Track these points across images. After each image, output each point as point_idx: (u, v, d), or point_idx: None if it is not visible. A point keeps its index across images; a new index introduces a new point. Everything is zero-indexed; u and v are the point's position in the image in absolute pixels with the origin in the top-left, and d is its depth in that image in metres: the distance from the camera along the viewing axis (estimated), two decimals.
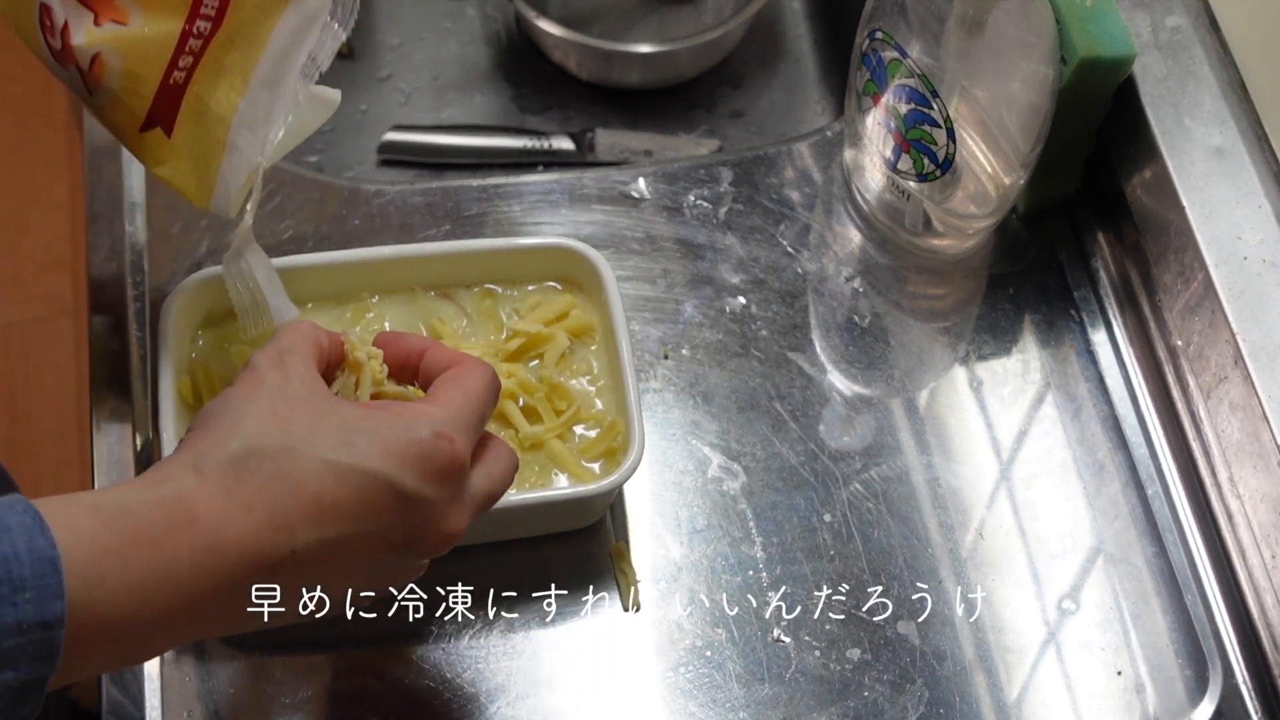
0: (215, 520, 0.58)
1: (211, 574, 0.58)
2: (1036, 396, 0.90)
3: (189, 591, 0.58)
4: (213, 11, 0.68)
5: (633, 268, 0.93)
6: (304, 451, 0.60)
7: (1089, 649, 0.82)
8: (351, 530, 0.61)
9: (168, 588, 0.57)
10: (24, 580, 0.53)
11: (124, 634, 0.57)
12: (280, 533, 0.59)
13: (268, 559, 0.60)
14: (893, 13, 0.85)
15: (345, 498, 0.61)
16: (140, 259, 0.91)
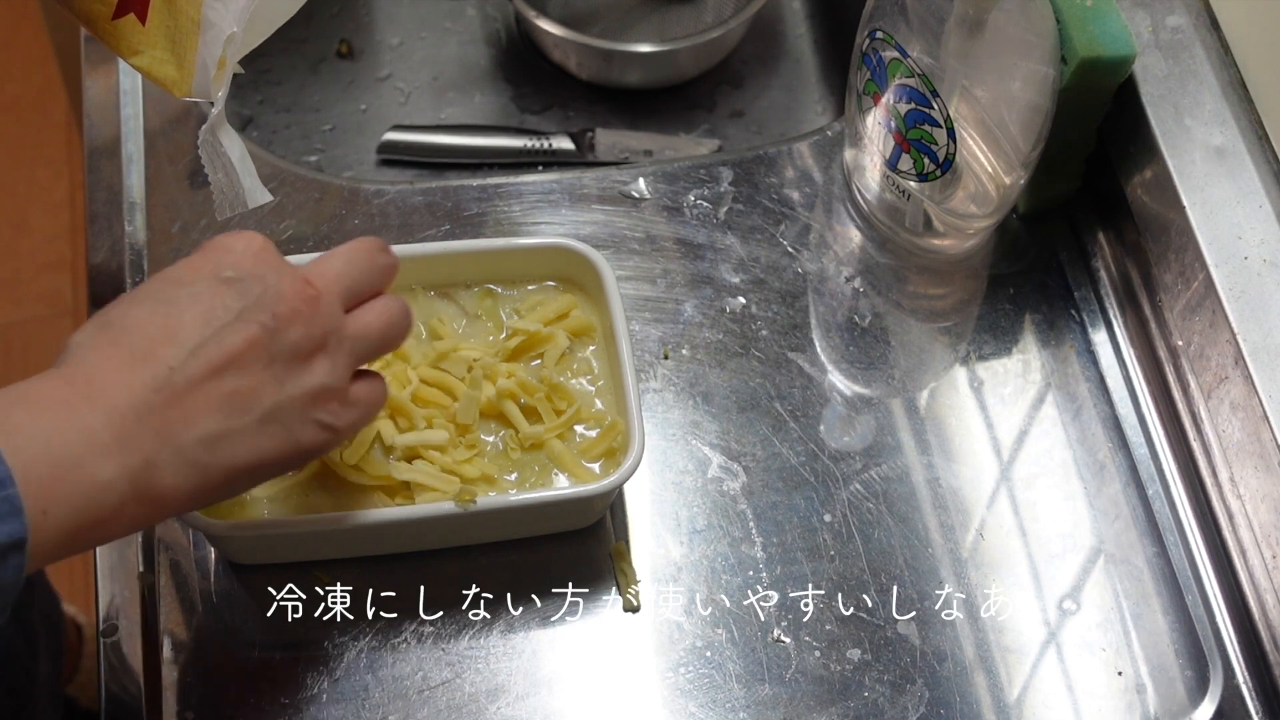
0: (87, 373, 0.61)
1: (110, 406, 0.60)
2: (1037, 396, 0.90)
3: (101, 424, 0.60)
4: None
5: (633, 268, 0.93)
6: (140, 299, 0.64)
7: (1089, 649, 0.82)
8: (209, 330, 0.63)
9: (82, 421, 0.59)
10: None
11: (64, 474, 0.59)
12: (149, 360, 0.62)
13: (151, 382, 0.61)
14: (893, 13, 0.85)
15: (187, 312, 0.63)
16: (140, 259, 0.91)
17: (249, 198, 0.75)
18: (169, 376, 0.62)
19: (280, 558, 0.80)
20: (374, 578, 0.81)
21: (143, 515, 0.62)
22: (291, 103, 1.09)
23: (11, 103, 1.99)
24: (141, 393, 0.61)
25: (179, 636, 0.79)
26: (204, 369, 0.62)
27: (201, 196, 0.93)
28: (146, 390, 0.61)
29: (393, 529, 0.78)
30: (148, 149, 0.95)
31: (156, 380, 0.61)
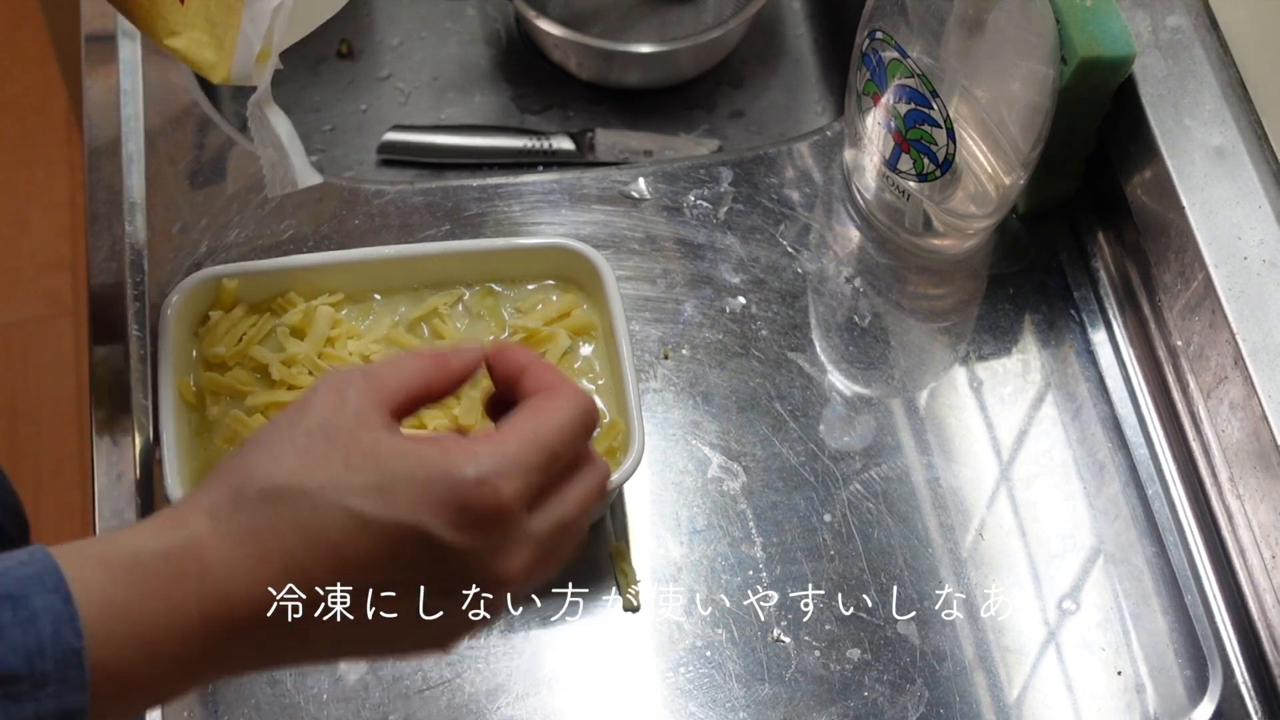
0: (226, 572, 0.55)
1: (224, 627, 0.55)
2: (1036, 396, 0.90)
3: (200, 642, 0.55)
4: None
5: (633, 268, 0.93)
6: (329, 498, 0.55)
7: (1089, 649, 0.82)
8: (379, 580, 0.56)
9: (178, 641, 0.55)
10: (47, 675, 0.51)
11: (137, 687, 0.55)
12: (296, 584, 0.55)
13: (279, 608, 0.56)
14: (893, 13, 0.85)
15: (369, 550, 0.56)
16: (140, 259, 0.91)
17: (300, 177, 0.71)
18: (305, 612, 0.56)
19: None
20: None
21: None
22: (291, 103, 1.09)
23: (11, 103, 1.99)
24: (267, 620, 0.56)
25: None
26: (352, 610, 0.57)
27: (201, 196, 0.93)
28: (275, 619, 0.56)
29: None
30: (148, 149, 0.95)
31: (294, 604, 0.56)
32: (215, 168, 0.95)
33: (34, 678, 0.51)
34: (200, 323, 0.83)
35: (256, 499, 0.56)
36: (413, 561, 0.56)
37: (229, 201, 0.93)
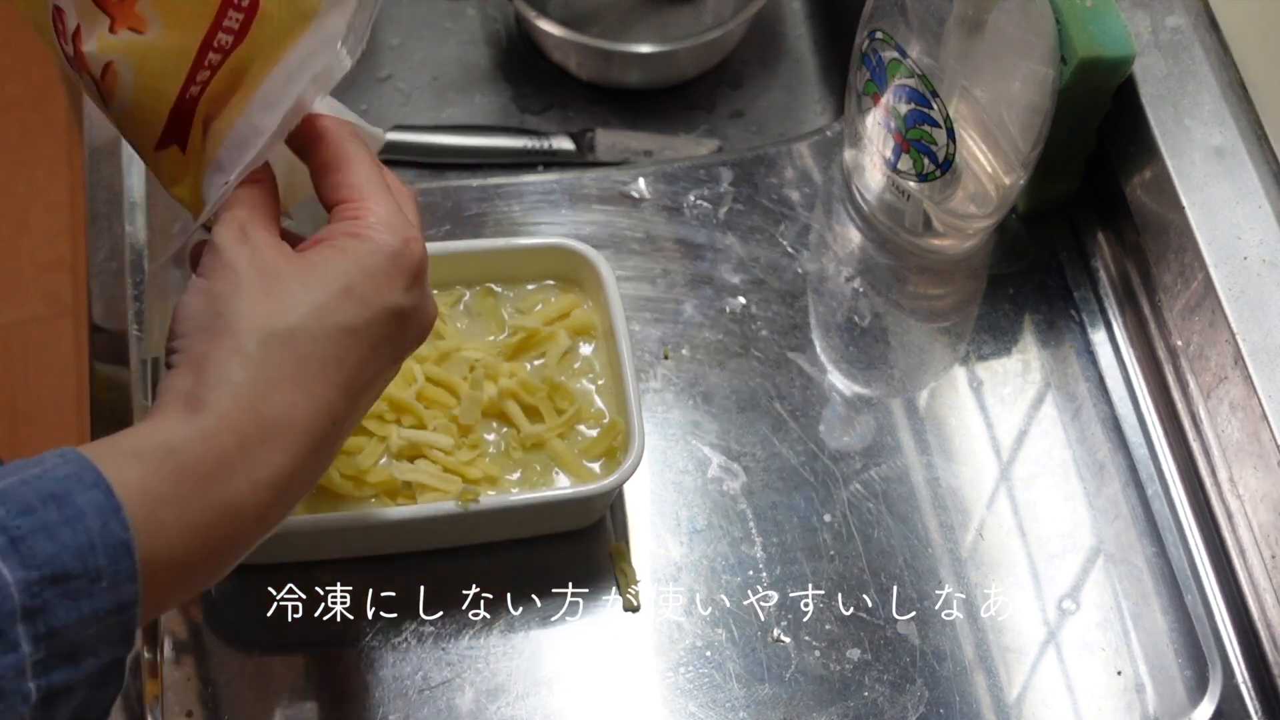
0: (262, 435, 0.58)
1: (270, 485, 0.58)
2: (1036, 396, 0.90)
3: (253, 511, 0.57)
4: (236, 25, 0.63)
5: (633, 268, 0.93)
6: (318, 323, 0.60)
7: (1089, 649, 0.82)
8: (372, 371, 0.62)
9: (231, 518, 0.57)
10: (99, 569, 0.52)
11: (196, 570, 0.57)
12: (322, 414, 0.60)
13: (317, 443, 0.60)
14: (893, 13, 0.85)
15: (362, 348, 0.61)
16: (140, 259, 0.91)
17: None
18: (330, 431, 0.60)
19: (280, 558, 0.80)
20: (374, 578, 0.81)
21: None
22: None
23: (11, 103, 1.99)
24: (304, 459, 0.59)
25: (179, 636, 0.79)
26: (356, 411, 0.63)
27: None
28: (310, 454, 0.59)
29: (394, 529, 0.78)
30: None
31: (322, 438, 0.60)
32: None
33: (88, 573, 0.52)
34: None
35: (257, 353, 0.58)
36: (391, 336, 0.62)
37: None
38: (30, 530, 0.51)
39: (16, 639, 0.50)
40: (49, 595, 0.51)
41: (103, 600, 0.52)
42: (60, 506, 0.52)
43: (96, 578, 0.52)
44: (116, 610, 0.53)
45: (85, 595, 0.52)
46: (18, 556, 0.51)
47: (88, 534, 0.52)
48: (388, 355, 0.63)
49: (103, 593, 0.52)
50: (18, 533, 0.51)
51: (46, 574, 0.51)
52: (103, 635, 0.53)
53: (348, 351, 0.60)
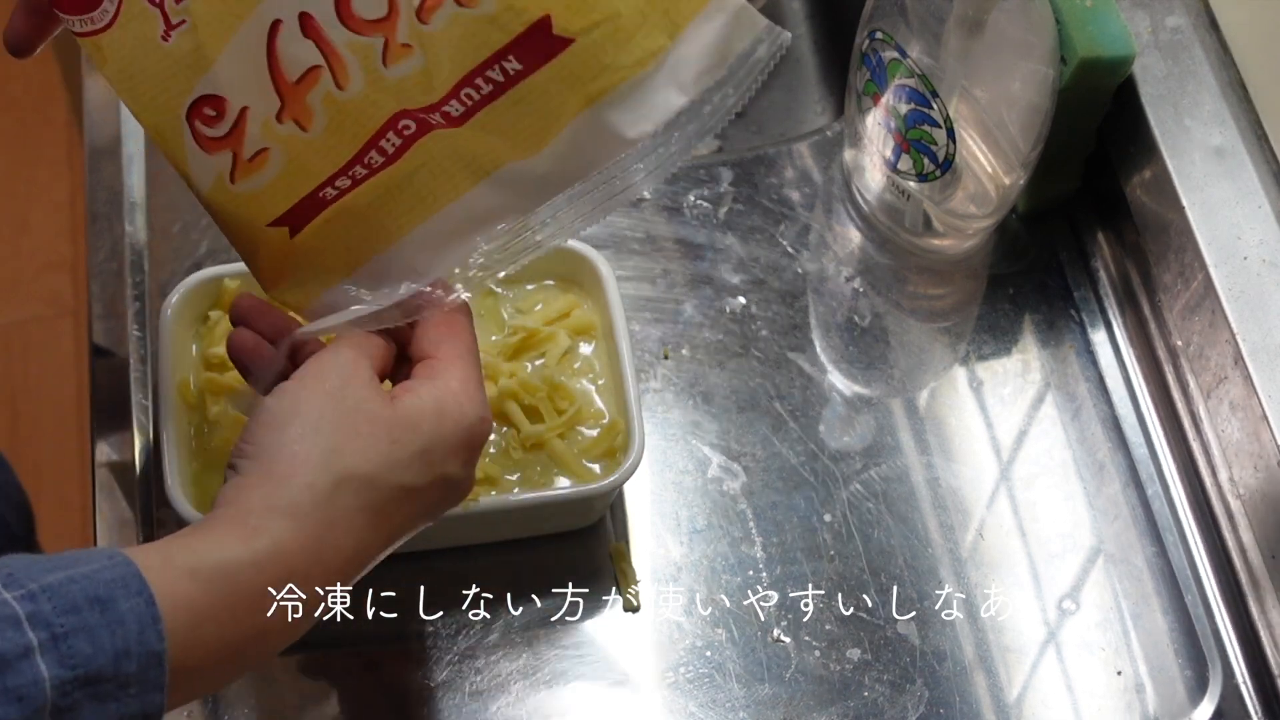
0: (307, 573, 0.60)
1: (306, 610, 0.60)
2: (1036, 396, 0.90)
3: (279, 634, 0.60)
4: (391, 149, 0.64)
5: (633, 268, 0.93)
6: (387, 478, 0.62)
7: (1089, 649, 0.82)
8: (415, 524, 0.65)
9: (262, 640, 0.59)
10: (130, 676, 0.54)
11: (213, 681, 0.60)
12: (362, 562, 0.62)
13: (351, 577, 0.63)
14: (893, 13, 0.85)
15: (411, 509, 0.64)
16: (140, 259, 0.91)
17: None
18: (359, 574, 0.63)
19: None
20: (374, 578, 0.80)
21: None
22: None
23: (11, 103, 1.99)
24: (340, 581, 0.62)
25: None
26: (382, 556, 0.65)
27: None
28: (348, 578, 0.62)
29: None
30: (148, 149, 0.94)
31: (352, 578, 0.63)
32: None
33: (119, 678, 0.53)
34: (200, 323, 0.83)
35: (329, 491, 0.60)
36: (439, 500, 0.65)
37: None
38: (72, 629, 0.53)
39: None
40: (79, 695, 0.52)
41: (129, 706, 0.54)
42: (104, 610, 0.54)
43: (126, 684, 0.54)
44: (140, 716, 0.54)
45: (113, 699, 0.53)
46: (56, 654, 0.52)
47: (125, 640, 0.54)
48: (426, 515, 0.65)
49: (130, 699, 0.54)
50: (60, 630, 0.53)
51: (80, 674, 0.52)
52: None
53: (400, 508, 0.63)
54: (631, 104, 0.61)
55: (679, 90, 0.62)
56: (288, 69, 0.63)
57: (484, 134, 0.63)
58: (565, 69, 0.61)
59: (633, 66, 0.61)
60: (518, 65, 0.61)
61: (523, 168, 0.63)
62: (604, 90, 0.61)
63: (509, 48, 0.61)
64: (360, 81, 0.63)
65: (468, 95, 0.62)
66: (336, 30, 0.62)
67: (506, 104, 0.62)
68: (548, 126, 0.62)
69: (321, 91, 0.63)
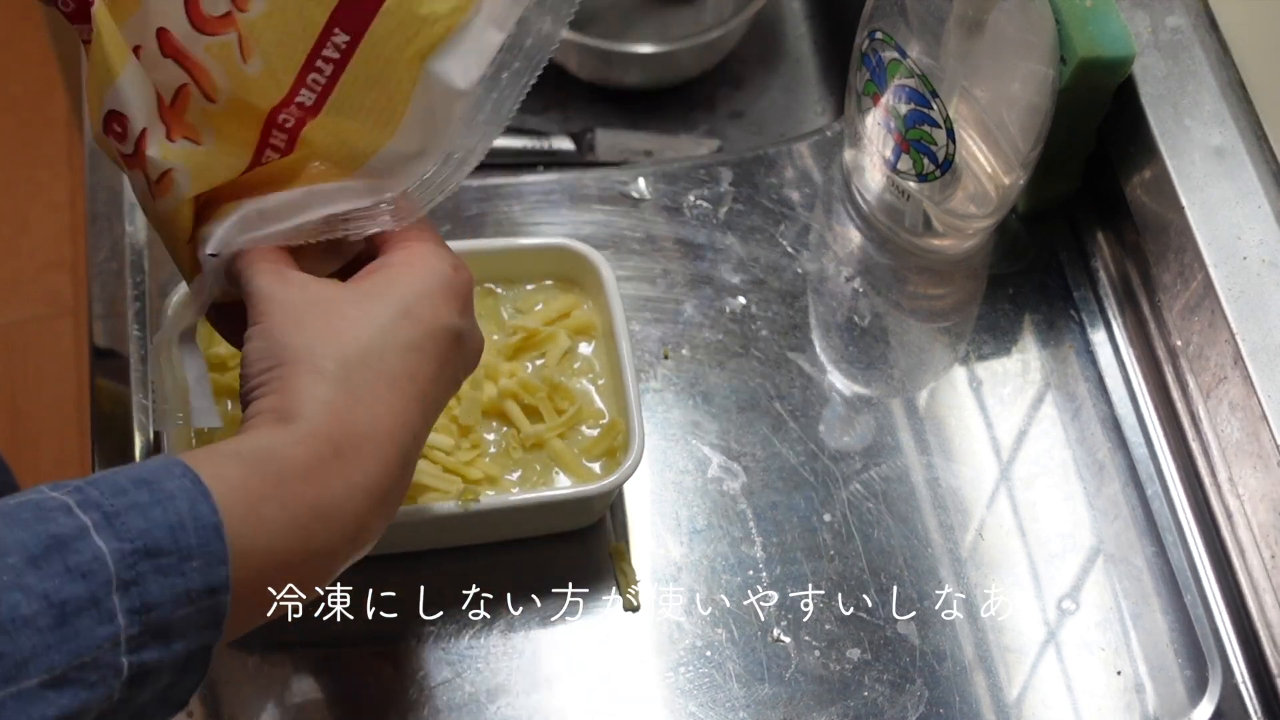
0: (355, 443, 0.60)
1: (365, 492, 0.60)
2: (1036, 396, 0.90)
3: (353, 515, 0.59)
4: (282, 144, 0.65)
5: (633, 268, 0.93)
6: (385, 344, 0.62)
7: (1089, 649, 0.82)
8: (441, 388, 0.65)
9: (332, 518, 0.59)
10: (190, 549, 0.53)
11: (296, 570, 0.58)
12: (405, 427, 0.62)
13: (405, 454, 0.62)
14: (893, 13, 0.85)
15: (431, 366, 0.63)
16: (140, 259, 0.91)
17: (196, 416, 0.74)
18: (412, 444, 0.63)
19: None
20: (374, 578, 0.81)
21: None
22: None
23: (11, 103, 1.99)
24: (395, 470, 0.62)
25: None
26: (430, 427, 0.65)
27: None
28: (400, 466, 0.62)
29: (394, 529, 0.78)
30: None
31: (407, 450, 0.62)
32: None
33: (180, 551, 0.53)
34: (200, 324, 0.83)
35: (338, 373, 0.61)
36: (453, 356, 0.65)
37: None
38: (124, 508, 0.53)
39: (113, 610, 0.52)
40: (144, 568, 0.52)
41: (195, 579, 0.54)
42: (151, 489, 0.54)
43: (188, 556, 0.53)
44: (208, 592, 0.54)
45: (178, 573, 0.53)
46: (111, 530, 0.52)
47: (178, 514, 0.54)
48: (451, 375, 0.65)
49: (194, 572, 0.54)
50: (111, 509, 0.53)
51: (140, 546, 0.52)
52: (194, 618, 0.54)
53: (418, 368, 0.63)
54: (459, 53, 0.62)
55: (497, 27, 0.63)
56: (163, 92, 0.64)
57: (343, 119, 0.64)
58: (387, 30, 0.62)
59: (452, 14, 0.62)
60: (345, 37, 0.62)
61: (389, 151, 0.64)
62: (431, 44, 0.62)
63: (332, 20, 0.62)
64: (227, 87, 0.63)
65: (314, 81, 0.63)
66: (192, 38, 0.63)
67: (349, 83, 0.63)
68: (393, 100, 0.63)
69: (197, 109, 0.64)
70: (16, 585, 0.50)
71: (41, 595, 0.50)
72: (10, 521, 0.51)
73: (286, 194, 0.65)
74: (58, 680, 0.50)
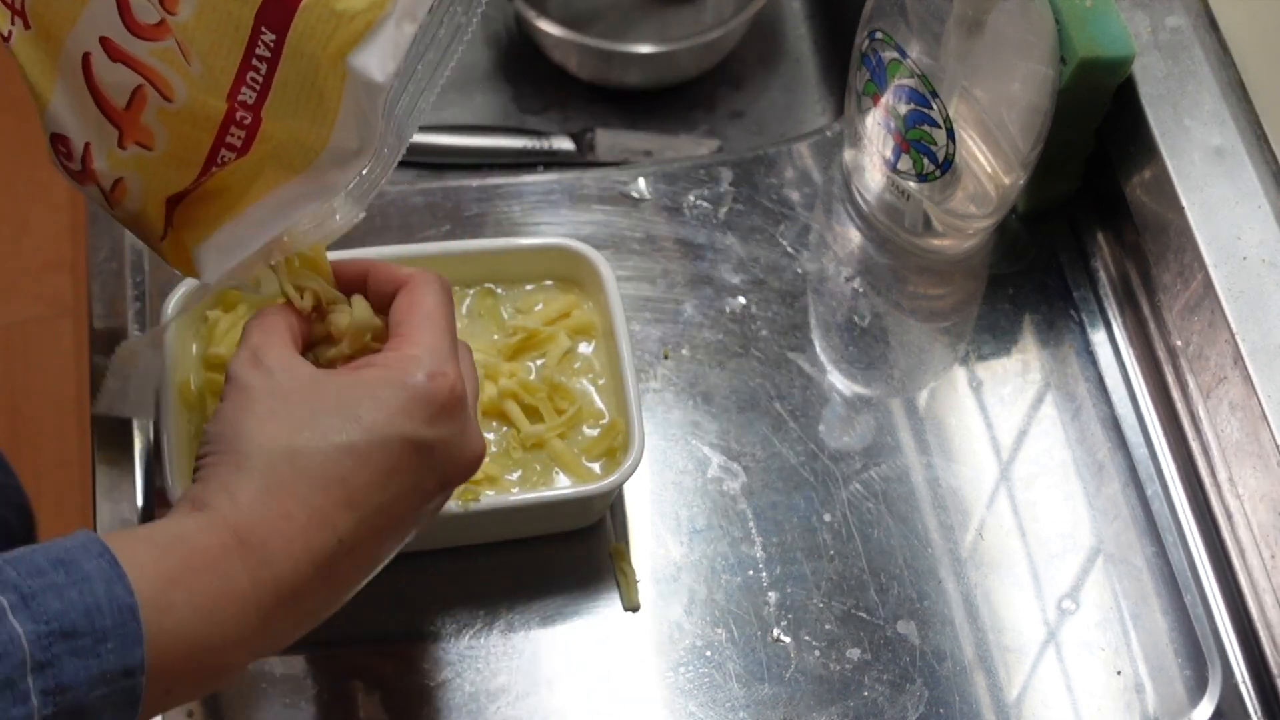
0: (260, 537, 0.59)
1: (272, 587, 0.59)
2: (1036, 396, 0.90)
3: (255, 607, 0.59)
4: (239, 141, 0.64)
5: (633, 268, 0.93)
6: (316, 445, 0.61)
7: (1089, 649, 0.82)
8: (385, 498, 0.62)
9: (234, 607, 0.58)
10: (106, 630, 0.54)
11: (201, 659, 0.58)
12: (323, 529, 0.60)
13: (319, 556, 0.60)
14: (893, 13, 0.85)
15: (370, 473, 0.62)
16: (140, 259, 0.91)
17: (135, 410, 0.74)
18: (335, 549, 0.61)
19: None
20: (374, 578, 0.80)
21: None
22: None
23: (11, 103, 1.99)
24: (306, 571, 0.60)
25: None
26: (369, 539, 0.63)
27: None
28: (312, 567, 0.60)
29: None
30: None
31: (324, 554, 0.61)
32: None
33: (95, 633, 0.53)
34: (200, 323, 0.83)
35: (260, 466, 0.60)
36: (407, 467, 0.63)
37: None
38: (40, 589, 0.53)
39: (27, 691, 0.52)
40: (59, 650, 0.53)
41: (111, 661, 0.54)
42: (68, 570, 0.54)
43: (103, 638, 0.54)
44: (124, 673, 0.54)
45: (93, 655, 0.53)
46: (28, 612, 0.52)
47: (94, 596, 0.54)
48: (405, 485, 0.63)
49: (109, 654, 0.54)
50: (28, 590, 0.53)
51: (55, 629, 0.53)
52: (110, 698, 0.54)
53: (351, 473, 0.61)
54: (375, 47, 0.62)
55: (410, 19, 0.63)
56: (114, 96, 0.64)
57: (286, 118, 0.64)
58: (308, 27, 0.62)
59: (369, 9, 0.62)
60: (272, 35, 0.62)
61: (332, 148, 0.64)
62: (351, 40, 0.62)
63: (258, 19, 0.62)
64: (183, 88, 0.63)
65: (253, 80, 0.63)
66: (134, 44, 0.63)
67: (283, 81, 0.63)
68: (325, 97, 0.63)
69: (154, 109, 0.64)
70: None
71: None
72: None
73: (255, 206, 0.65)
74: None
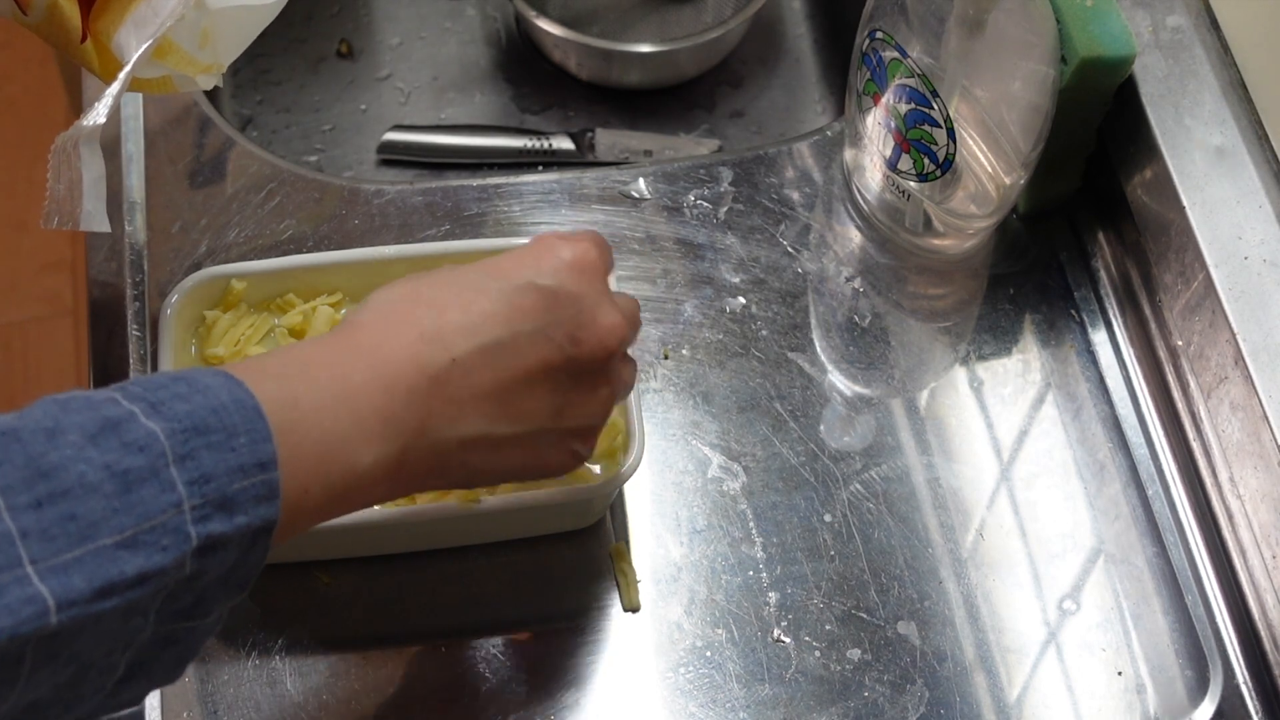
0: (375, 339, 0.62)
1: (385, 386, 0.61)
2: (1037, 396, 0.90)
3: (373, 408, 0.61)
4: None
5: (633, 268, 0.93)
6: (438, 278, 0.65)
7: (1089, 649, 0.82)
8: (506, 333, 0.64)
9: (355, 401, 0.60)
10: (235, 426, 0.55)
11: (330, 454, 0.59)
12: (435, 344, 0.63)
13: (429, 368, 0.62)
14: (893, 13, 0.85)
15: (492, 306, 0.64)
16: (140, 259, 0.91)
17: (84, 220, 0.73)
18: (449, 367, 0.63)
19: (281, 558, 0.80)
20: (374, 578, 0.81)
21: (386, 496, 0.63)
22: (291, 103, 1.09)
23: (11, 103, 1.99)
24: (418, 377, 0.62)
25: None
26: (486, 371, 0.64)
27: (201, 196, 0.93)
28: (423, 375, 0.62)
29: (394, 529, 0.78)
30: (148, 149, 0.95)
31: (436, 367, 0.62)
32: (215, 167, 0.95)
33: (225, 428, 0.55)
34: (200, 323, 0.83)
35: (382, 299, 0.65)
36: (531, 310, 0.65)
37: (229, 201, 0.93)
38: (167, 398, 0.55)
39: (173, 480, 0.54)
40: (195, 444, 0.54)
41: (245, 454, 0.56)
42: (188, 382, 0.56)
43: (234, 433, 0.55)
44: (258, 466, 0.56)
45: (227, 448, 0.55)
46: (159, 415, 0.54)
47: (218, 399, 0.56)
48: (528, 326, 0.65)
49: (243, 448, 0.56)
50: (155, 399, 0.55)
51: (188, 425, 0.54)
52: (250, 491, 0.56)
53: (471, 301, 0.64)
54: None
55: None
56: None
57: None
58: None
59: None
60: None
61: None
62: None
63: None
64: None
65: None
66: None
67: None
68: None
69: None
70: (80, 458, 0.52)
71: (104, 466, 0.52)
72: (64, 408, 0.54)
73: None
74: (129, 541, 0.52)
